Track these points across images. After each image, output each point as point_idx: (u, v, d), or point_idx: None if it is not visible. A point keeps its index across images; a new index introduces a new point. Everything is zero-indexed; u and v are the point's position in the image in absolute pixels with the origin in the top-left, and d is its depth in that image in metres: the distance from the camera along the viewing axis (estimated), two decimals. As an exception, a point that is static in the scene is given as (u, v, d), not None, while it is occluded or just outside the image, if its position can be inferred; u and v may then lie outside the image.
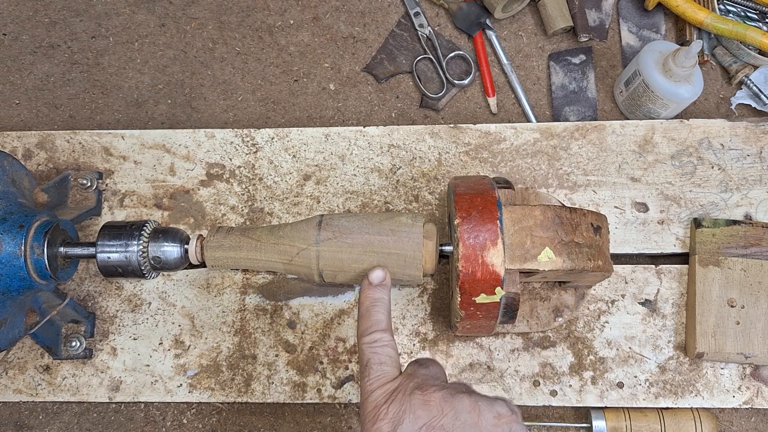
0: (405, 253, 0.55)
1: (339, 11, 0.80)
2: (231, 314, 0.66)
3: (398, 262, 0.55)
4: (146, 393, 0.65)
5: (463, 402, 0.45)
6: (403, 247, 0.55)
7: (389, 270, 0.55)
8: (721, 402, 0.63)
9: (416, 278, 0.56)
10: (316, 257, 0.55)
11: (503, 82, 0.77)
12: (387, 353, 0.49)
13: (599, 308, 0.65)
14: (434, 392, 0.46)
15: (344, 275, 0.56)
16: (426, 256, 0.55)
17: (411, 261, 0.55)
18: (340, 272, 0.56)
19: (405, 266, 0.55)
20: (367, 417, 0.46)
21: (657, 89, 0.68)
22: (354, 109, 0.77)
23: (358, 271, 0.55)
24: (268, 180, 0.70)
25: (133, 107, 0.77)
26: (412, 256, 0.55)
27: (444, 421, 0.44)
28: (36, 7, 0.81)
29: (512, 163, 0.69)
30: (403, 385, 0.47)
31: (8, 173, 0.62)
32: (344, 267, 0.55)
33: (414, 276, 0.56)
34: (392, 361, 0.49)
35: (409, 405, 0.45)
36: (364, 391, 0.48)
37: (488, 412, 0.46)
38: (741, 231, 0.65)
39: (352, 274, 0.56)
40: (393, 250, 0.55)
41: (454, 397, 0.46)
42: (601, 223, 0.57)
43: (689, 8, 0.73)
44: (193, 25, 0.80)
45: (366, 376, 0.48)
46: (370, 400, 0.47)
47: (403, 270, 0.55)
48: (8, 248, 0.56)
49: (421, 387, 0.46)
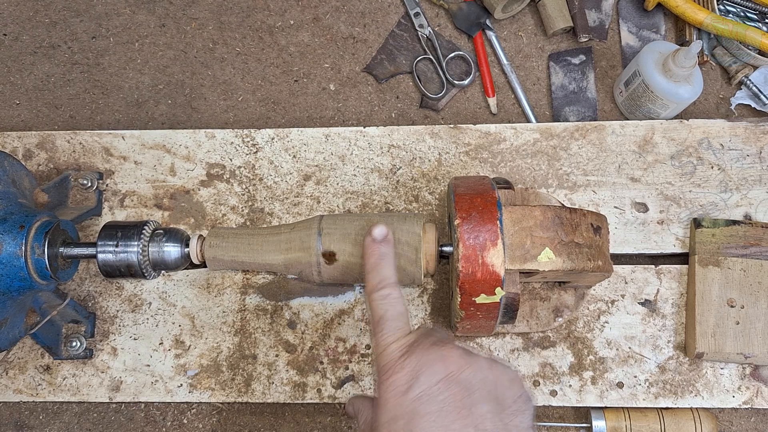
0: (405, 254, 0.55)
1: (339, 11, 0.80)
2: (231, 314, 0.67)
3: (398, 263, 0.55)
4: (146, 393, 0.65)
5: (480, 361, 0.45)
6: (403, 248, 0.55)
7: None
8: (720, 402, 0.63)
9: (416, 278, 0.56)
10: (317, 244, 0.55)
11: (503, 82, 0.77)
12: (399, 308, 0.49)
13: (599, 308, 0.65)
14: (452, 349, 0.45)
15: (344, 235, 0.56)
16: (426, 256, 0.56)
17: (411, 261, 0.55)
18: (341, 233, 0.56)
19: (405, 267, 0.55)
20: (383, 370, 0.45)
21: (657, 89, 0.68)
22: (354, 109, 0.77)
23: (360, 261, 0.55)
24: (268, 180, 0.70)
25: (134, 107, 0.77)
26: (413, 257, 0.55)
27: (462, 376, 0.44)
28: (36, 8, 0.81)
29: (512, 163, 0.69)
30: (421, 339, 0.46)
31: (9, 173, 0.62)
32: (346, 231, 0.55)
33: (414, 276, 0.56)
34: (404, 316, 0.49)
35: (427, 359, 0.44)
36: (379, 345, 0.47)
37: (504, 374, 0.46)
38: (741, 231, 0.65)
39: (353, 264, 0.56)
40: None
41: (471, 355, 0.45)
42: (601, 223, 0.57)
43: (689, 8, 0.73)
44: (193, 25, 0.80)
45: (380, 330, 0.48)
46: (386, 353, 0.46)
47: (403, 270, 0.55)
48: (9, 248, 0.56)
49: (439, 343, 0.46)
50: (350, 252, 0.55)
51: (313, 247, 0.56)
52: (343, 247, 0.55)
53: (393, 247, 0.53)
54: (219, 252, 0.57)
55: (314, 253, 0.56)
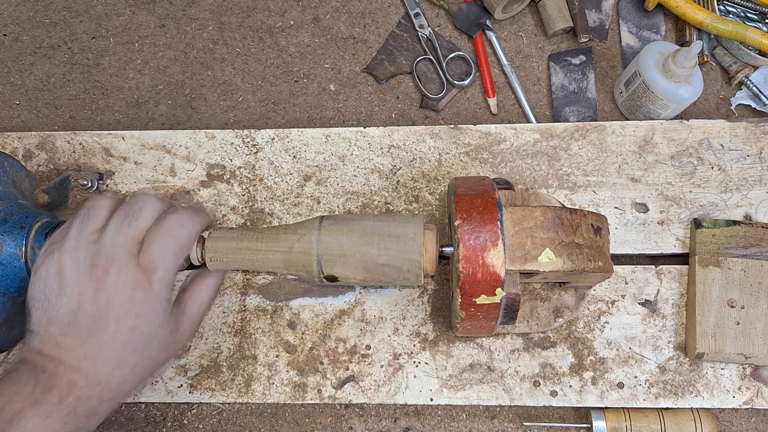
0: (405, 255, 0.55)
1: (339, 12, 0.80)
2: (231, 315, 0.67)
3: (398, 263, 0.55)
4: (146, 393, 0.65)
5: None
6: (404, 248, 0.55)
7: (389, 271, 0.56)
8: (721, 402, 0.63)
9: (417, 279, 0.56)
10: (317, 242, 0.55)
11: (503, 82, 0.77)
12: None
13: (599, 309, 0.66)
14: None
15: (344, 261, 0.56)
16: (426, 257, 0.56)
17: (411, 262, 0.55)
18: (340, 257, 0.56)
19: (405, 267, 0.55)
20: None
21: (657, 90, 0.68)
22: (354, 109, 0.77)
23: (359, 258, 0.55)
24: (268, 181, 0.70)
25: (134, 108, 0.77)
26: (413, 257, 0.55)
27: None
28: (36, 8, 0.81)
29: (512, 163, 0.69)
30: None
31: (9, 174, 0.62)
32: (345, 251, 0.55)
33: (414, 277, 0.56)
34: None
35: None
36: None
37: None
38: (741, 231, 0.65)
39: (353, 262, 0.56)
40: (393, 255, 0.55)
41: None
42: (601, 223, 0.57)
43: (689, 9, 0.73)
44: (193, 25, 0.80)
45: None
46: None
47: (403, 271, 0.55)
48: (9, 249, 0.56)
49: None
50: (350, 249, 0.55)
51: (314, 244, 0.56)
52: (344, 245, 0.55)
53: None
54: (219, 254, 0.57)
55: (314, 251, 0.56)
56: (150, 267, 0.51)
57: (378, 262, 0.56)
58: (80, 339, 0.49)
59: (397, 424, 0.65)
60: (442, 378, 0.64)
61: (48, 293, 0.50)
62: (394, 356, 0.65)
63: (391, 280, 0.57)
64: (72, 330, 0.49)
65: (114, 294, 0.50)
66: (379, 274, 0.56)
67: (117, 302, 0.50)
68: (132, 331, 0.50)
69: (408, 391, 0.64)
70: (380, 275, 0.56)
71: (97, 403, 0.50)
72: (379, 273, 0.56)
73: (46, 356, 0.49)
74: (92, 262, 0.50)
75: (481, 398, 0.63)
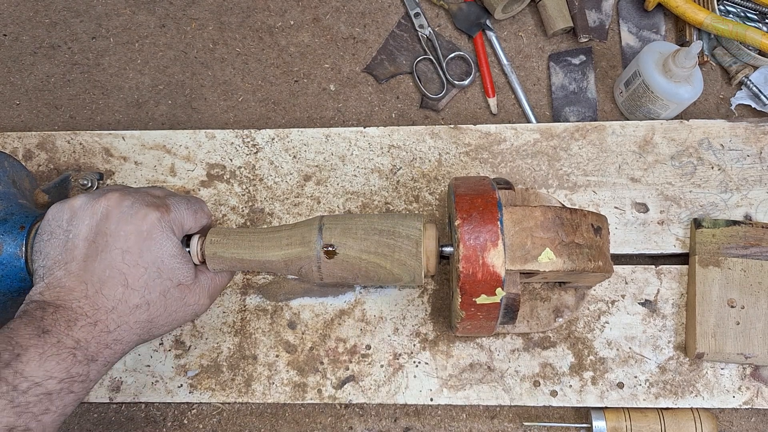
0: (406, 248, 0.55)
1: (339, 12, 0.80)
2: (231, 315, 0.67)
3: (399, 263, 0.55)
4: (147, 393, 0.65)
5: None
6: (404, 242, 0.55)
7: (389, 270, 0.56)
8: (721, 402, 0.63)
9: (417, 279, 0.56)
10: (317, 242, 0.55)
11: (503, 82, 0.77)
12: None
13: (599, 308, 0.66)
14: None
15: (345, 261, 0.56)
16: (426, 257, 0.56)
17: (411, 255, 0.55)
18: (342, 254, 0.56)
19: (405, 260, 0.55)
20: None
21: (657, 90, 0.68)
22: (354, 109, 0.77)
23: (360, 257, 0.55)
24: (268, 180, 0.70)
25: (134, 108, 0.77)
26: (413, 251, 0.55)
27: None
28: (36, 8, 0.81)
29: (512, 163, 0.69)
30: None
31: (9, 174, 0.62)
32: (346, 245, 0.56)
33: (414, 272, 0.56)
34: None
35: None
36: None
37: None
38: (741, 231, 0.65)
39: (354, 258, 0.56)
40: (393, 252, 0.55)
41: None
42: (601, 223, 0.57)
43: (689, 9, 0.73)
44: (193, 25, 0.80)
45: None
46: None
47: (403, 265, 0.55)
48: (9, 249, 0.56)
49: None
50: (351, 246, 0.55)
51: (314, 241, 0.56)
52: (344, 241, 0.56)
53: None
54: (219, 251, 0.58)
55: (314, 247, 0.56)
56: (163, 207, 0.52)
57: (378, 262, 0.56)
58: (80, 273, 0.49)
59: (397, 424, 0.65)
60: (442, 378, 0.64)
61: (56, 232, 0.51)
62: (394, 356, 0.65)
63: (391, 279, 0.57)
64: (74, 264, 0.49)
65: (118, 225, 0.49)
66: (379, 273, 0.56)
67: (123, 233, 0.49)
68: (136, 266, 0.49)
69: (408, 391, 0.64)
70: (380, 275, 0.57)
71: (96, 348, 0.48)
72: (379, 272, 0.56)
73: (46, 301, 0.48)
74: (102, 195, 0.51)
75: (481, 398, 0.63)
